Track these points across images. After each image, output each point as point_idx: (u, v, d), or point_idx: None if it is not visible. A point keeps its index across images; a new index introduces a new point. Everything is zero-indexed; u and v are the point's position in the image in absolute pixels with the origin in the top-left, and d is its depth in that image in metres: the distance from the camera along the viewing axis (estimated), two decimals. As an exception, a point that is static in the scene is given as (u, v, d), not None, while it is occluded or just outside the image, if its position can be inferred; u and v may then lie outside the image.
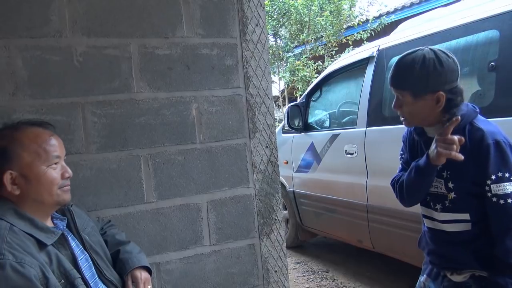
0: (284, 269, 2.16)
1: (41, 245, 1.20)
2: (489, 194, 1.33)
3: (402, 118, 1.48)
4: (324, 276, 3.93)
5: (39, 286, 1.09)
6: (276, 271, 2.13)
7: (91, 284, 1.28)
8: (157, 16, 1.87)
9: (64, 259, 1.23)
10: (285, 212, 4.62)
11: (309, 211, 4.22)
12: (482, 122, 1.40)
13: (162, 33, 1.88)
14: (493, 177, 1.32)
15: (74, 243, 1.32)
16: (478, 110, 1.44)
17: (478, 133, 1.36)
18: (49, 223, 1.30)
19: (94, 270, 1.34)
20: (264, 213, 2.10)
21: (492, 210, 1.35)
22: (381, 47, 3.30)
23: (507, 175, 1.31)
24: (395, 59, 3.07)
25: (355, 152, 3.36)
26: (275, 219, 2.12)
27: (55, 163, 1.27)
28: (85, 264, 1.31)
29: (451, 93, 1.37)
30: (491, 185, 1.32)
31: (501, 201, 1.31)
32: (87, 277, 1.28)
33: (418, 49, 1.41)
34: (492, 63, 2.35)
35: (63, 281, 1.19)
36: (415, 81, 1.37)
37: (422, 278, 1.61)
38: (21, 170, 1.21)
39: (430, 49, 1.39)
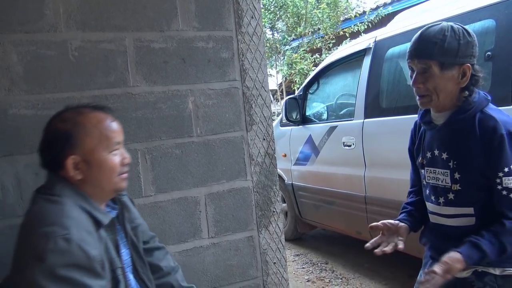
0: (283, 261, 2.17)
1: (97, 226, 1.19)
2: (499, 187, 1.27)
3: (422, 96, 1.37)
4: (324, 267, 3.95)
5: (97, 267, 1.09)
6: (275, 263, 2.14)
7: (127, 277, 1.28)
8: (152, 9, 1.86)
9: (111, 246, 1.23)
10: (284, 205, 4.64)
11: (308, 204, 4.23)
12: (493, 110, 1.34)
13: (157, 26, 1.88)
14: (506, 169, 1.26)
15: (120, 234, 1.32)
16: (490, 98, 1.38)
17: (490, 122, 1.29)
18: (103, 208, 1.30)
19: (131, 265, 1.34)
20: (262, 205, 2.11)
21: (500, 204, 1.30)
22: (377, 39, 3.30)
23: None
24: (392, 50, 3.11)
25: (353, 144, 3.36)
26: (273, 211, 2.13)
27: (116, 150, 1.25)
28: (126, 257, 1.31)
29: (473, 69, 1.32)
30: (503, 178, 1.26)
31: (511, 195, 1.26)
32: (125, 268, 1.28)
33: (440, 22, 1.35)
34: (488, 53, 2.34)
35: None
36: (446, 49, 1.29)
37: (424, 272, 1.59)
38: (84, 156, 1.19)
39: (453, 23, 1.34)
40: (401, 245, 1.44)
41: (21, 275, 1.04)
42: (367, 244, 1.47)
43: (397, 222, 1.52)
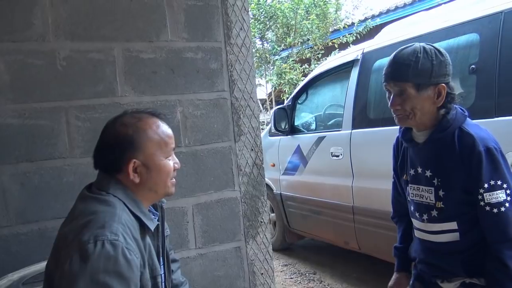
0: (270, 271, 2.17)
1: (144, 231, 1.19)
2: (482, 203, 1.29)
3: (400, 115, 1.39)
4: (312, 278, 3.95)
5: (137, 278, 1.08)
6: (262, 274, 2.14)
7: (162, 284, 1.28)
8: (141, 20, 1.87)
9: (153, 252, 1.23)
10: (273, 214, 4.63)
11: (296, 213, 4.23)
12: (471, 126, 1.36)
13: (146, 37, 1.88)
14: (486, 185, 1.28)
15: (160, 241, 1.32)
16: (467, 113, 1.41)
17: (468, 139, 1.31)
18: None
19: (163, 272, 1.34)
20: (250, 216, 2.11)
21: (485, 220, 1.31)
22: (365, 50, 3.34)
23: (499, 182, 1.28)
24: (379, 62, 3.15)
25: (341, 154, 3.39)
26: (261, 222, 2.13)
27: (170, 155, 1.27)
28: (161, 264, 1.31)
29: (448, 87, 1.35)
30: (484, 194, 1.28)
31: (495, 210, 1.27)
32: (162, 276, 1.28)
33: (413, 44, 1.38)
34: (473, 66, 2.38)
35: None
36: (420, 71, 1.32)
37: (414, 283, 1.59)
38: (144, 160, 1.20)
39: (425, 43, 1.38)
40: None
41: (61, 269, 1.03)
42: None
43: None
